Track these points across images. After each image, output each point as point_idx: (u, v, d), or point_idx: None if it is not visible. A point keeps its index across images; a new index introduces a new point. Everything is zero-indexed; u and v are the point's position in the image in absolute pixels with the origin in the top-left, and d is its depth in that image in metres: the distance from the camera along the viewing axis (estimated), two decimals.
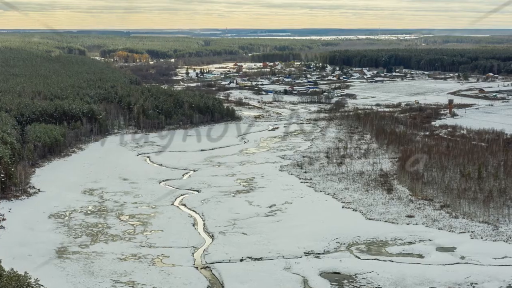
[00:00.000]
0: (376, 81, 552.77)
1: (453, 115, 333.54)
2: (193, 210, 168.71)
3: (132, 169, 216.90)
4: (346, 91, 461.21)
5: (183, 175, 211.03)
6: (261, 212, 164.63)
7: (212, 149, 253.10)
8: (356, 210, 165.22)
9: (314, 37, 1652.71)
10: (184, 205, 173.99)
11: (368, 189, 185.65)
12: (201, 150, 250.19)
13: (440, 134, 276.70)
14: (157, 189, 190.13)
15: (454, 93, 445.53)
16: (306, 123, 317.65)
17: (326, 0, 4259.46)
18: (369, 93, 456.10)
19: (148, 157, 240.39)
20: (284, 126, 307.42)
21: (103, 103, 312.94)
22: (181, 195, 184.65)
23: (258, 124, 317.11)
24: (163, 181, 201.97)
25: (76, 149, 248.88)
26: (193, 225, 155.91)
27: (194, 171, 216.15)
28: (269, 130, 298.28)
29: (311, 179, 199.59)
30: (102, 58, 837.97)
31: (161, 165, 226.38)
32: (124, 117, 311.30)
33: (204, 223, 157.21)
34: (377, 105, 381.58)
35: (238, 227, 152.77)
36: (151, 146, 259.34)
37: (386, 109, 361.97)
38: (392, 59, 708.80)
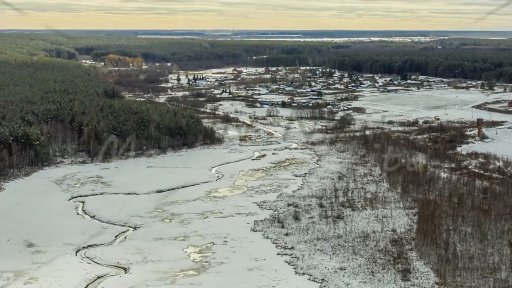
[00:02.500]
0: (389, 91, 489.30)
1: (483, 137, 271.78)
2: None
3: (49, 226, 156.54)
4: (354, 103, 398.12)
5: (116, 236, 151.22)
6: None
7: (172, 189, 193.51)
8: None
9: (325, 39, 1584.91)
10: None
11: (374, 270, 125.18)
12: (157, 192, 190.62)
13: (470, 167, 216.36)
14: (66, 266, 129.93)
15: (479, 107, 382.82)
16: (301, 148, 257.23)
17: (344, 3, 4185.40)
18: (381, 105, 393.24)
19: (83, 202, 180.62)
20: (273, 153, 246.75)
21: (51, 122, 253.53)
22: (98, 277, 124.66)
23: (241, 149, 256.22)
24: (84, 248, 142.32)
25: None
26: None
27: (134, 228, 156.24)
28: (252, 159, 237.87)
29: (293, 247, 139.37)
30: (92, 62, 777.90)
31: (93, 217, 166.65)
32: (76, 141, 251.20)
33: None
34: (390, 122, 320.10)
35: None
36: (95, 184, 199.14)
37: (400, 128, 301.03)
38: (406, 65, 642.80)
